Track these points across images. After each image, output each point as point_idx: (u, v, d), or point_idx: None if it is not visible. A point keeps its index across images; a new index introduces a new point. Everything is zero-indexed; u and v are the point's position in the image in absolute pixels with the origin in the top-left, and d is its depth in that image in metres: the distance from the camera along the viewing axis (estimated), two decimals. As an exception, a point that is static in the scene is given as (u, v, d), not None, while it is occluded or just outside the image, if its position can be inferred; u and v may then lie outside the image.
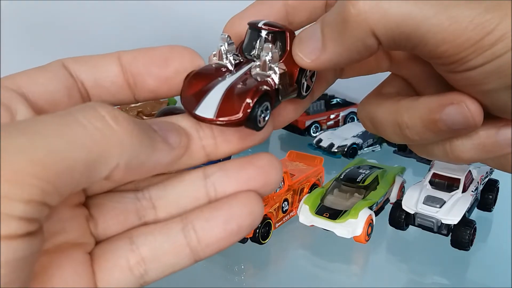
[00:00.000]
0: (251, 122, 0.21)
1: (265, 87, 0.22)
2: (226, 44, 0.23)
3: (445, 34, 0.19)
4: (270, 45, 0.22)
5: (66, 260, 0.20)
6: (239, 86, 0.22)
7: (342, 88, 0.97)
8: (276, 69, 0.22)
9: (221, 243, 0.22)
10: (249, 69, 0.23)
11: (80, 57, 0.23)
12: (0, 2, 0.96)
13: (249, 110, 0.21)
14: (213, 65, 0.23)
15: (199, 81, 0.22)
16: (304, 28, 0.24)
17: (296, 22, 0.25)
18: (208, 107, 0.21)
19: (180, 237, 0.22)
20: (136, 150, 0.18)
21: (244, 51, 0.24)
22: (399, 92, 0.26)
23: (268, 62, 0.22)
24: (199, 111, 0.21)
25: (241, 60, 0.23)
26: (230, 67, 0.23)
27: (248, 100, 0.21)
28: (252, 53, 0.24)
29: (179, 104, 0.94)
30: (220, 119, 0.21)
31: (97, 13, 0.98)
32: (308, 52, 0.22)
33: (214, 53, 0.23)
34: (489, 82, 0.20)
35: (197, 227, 0.22)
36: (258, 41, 0.24)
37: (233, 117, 0.21)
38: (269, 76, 0.22)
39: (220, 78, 0.22)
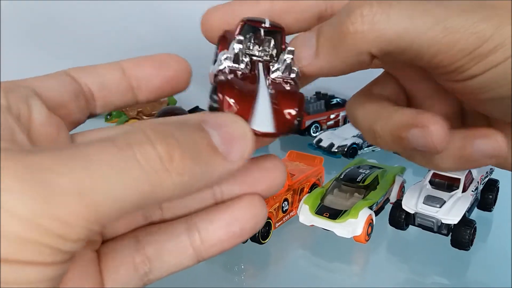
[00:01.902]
0: (298, 127, 0.22)
1: (300, 92, 0.22)
2: (241, 46, 0.22)
3: (440, 45, 0.19)
4: (292, 48, 0.23)
5: (74, 257, 0.20)
6: (278, 93, 0.22)
7: (342, 88, 0.97)
8: (296, 69, 0.23)
9: (224, 245, 0.22)
10: (265, 72, 0.23)
11: (83, 67, 0.24)
12: (0, 2, 0.96)
13: (299, 118, 0.21)
14: (229, 70, 0.22)
15: (239, 90, 0.21)
16: (297, 34, 0.24)
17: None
18: (262, 120, 0.21)
19: (184, 237, 0.22)
20: (188, 187, 0.17)
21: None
22: (388, 96, 0.26)
23: (291, 65, 0.23)
24: (257, 127, 0.21)
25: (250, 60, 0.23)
26: (247, 71, 0.22)
27: (296, 109, 0.21)
28: (252, 50, 0.23)
29: (179, 104, 0.94)
30: (278, 131, 0.21)
31: (97, 13, 0.98)
32: (301, 57, 0.23)
33: (226, 56, 0.22)
34: (487, 92, 0.20)
35: (201, 228, 0.22)
36: (257, 39, 0.23)
37: (288, 128, 0.21)
38: (292, 78, 0.23)
39: (253, 86, 0.22)
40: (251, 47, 0.23)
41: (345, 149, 0.77)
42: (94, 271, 0.21)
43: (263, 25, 0.23)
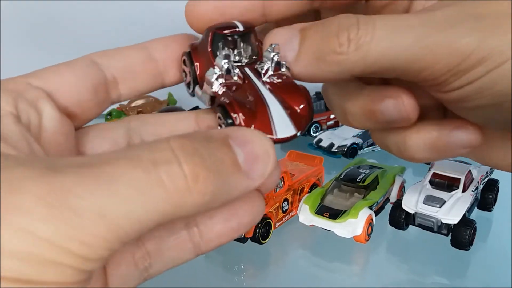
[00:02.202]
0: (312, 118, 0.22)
1: (300, 84, 0.22)
2: (228, 61, 0.22)
3: (422, 63, 0.19)
4: (276, 44, 0.22)
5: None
6: (280, 93, 0.21)
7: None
8: (284, 62, 0.22)
9: (222, 239, 0.22)
10: (256, 75, 0.22)
11: (107, 51, 0.23)
12: (0, 2, 0.96)
13: (310, 109, 0.21)
14: (224, 86, 0.21)
15: (249, 105, 0.21)
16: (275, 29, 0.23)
17: (273, 14, 0.24)
18: (283, 126, 0.21)
19: (183, 232, 0.22)
20: (208, 205, 0.17)
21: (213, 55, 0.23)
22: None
23: (279, 61, 0.22)
24: (281, 134, 0.21)
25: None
26: (240, 81, 0.22)
27: (306, 101, 0.21)
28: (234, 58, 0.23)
29: (179, 104, 0.94)
30: (299, 129, 0.21)
31: (97, 13, 0.98)
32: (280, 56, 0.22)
33: (217, 75, 0.21)
34: (471, 101, 0.20)
35: (200, 223, 0.22)
36: (232, 44, 0.22)
37: (306, 122, 0.21)
38: (283, 73, 0.22)
39: (256, 94, 0.21)
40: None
41: (345, 149, 0.77)
42: (100, 269, 0.21)
43: (237, 29, 0.22)
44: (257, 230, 0.54)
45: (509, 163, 0.24)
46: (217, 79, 0.21)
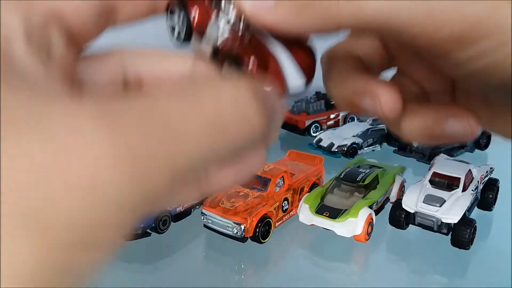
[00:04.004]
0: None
1: None
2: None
3: (423, 27, 0.17)
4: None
5: None
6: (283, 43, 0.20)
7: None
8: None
9: (224, 185, 0.22)
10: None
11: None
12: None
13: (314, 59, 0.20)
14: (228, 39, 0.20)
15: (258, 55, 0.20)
16: None
17: None
18: (293, 75, 0.19)
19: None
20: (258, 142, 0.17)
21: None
22: (360, 56, 0.24)
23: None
24: (292, 83, 0.19)
25: None
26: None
27: (311, 51, 0.20)
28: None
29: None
30: (309, 78, 0.20)
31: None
32: (253, 3, 0.18)
33: (223, 25, 0.20)
34: (475, 80, 0.19)
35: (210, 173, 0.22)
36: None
37: (313, 74, 0.20)
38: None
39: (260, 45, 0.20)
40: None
41: (345, 149, 0.78)
42: None
43: None
44: (257, 230, 0.53)
45: (509, 130, 0.23)
46: (223, 31, 0.20)
